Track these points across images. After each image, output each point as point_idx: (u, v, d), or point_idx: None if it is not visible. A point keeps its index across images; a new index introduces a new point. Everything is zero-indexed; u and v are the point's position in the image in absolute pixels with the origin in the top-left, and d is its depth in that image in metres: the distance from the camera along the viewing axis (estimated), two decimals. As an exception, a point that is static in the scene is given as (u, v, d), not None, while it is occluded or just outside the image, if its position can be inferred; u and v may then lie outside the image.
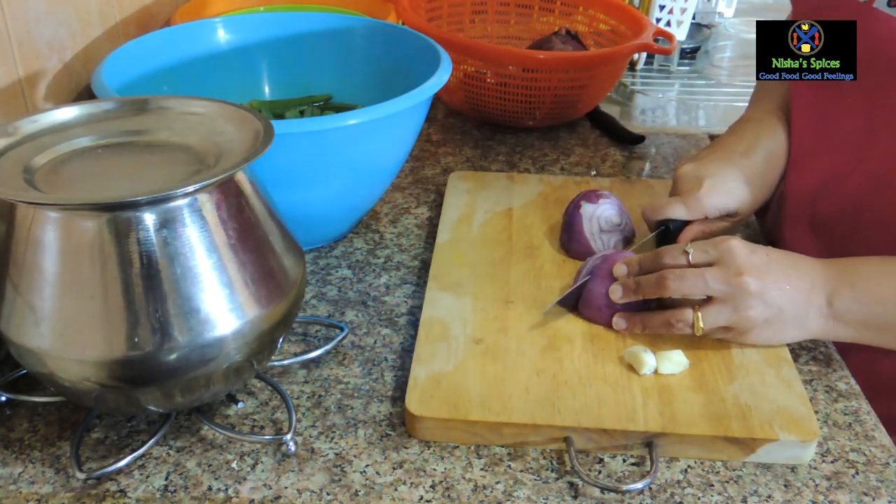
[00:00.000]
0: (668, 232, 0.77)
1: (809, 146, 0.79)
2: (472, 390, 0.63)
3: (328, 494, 0.57)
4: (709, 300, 0.66)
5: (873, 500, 0.58)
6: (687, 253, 0.67)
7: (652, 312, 0.69)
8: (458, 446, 0.61)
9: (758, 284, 0.64)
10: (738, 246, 0.66)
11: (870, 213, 0.76)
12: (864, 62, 0.71)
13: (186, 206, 0.52)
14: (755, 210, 0.80)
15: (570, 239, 0.80)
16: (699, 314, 0.65)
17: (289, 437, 0.59)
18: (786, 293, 0.65)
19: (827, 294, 0.65)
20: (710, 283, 0.65)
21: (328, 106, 0.94)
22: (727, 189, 0.76)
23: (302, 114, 0.91)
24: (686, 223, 0.77)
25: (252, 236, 0.56)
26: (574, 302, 0.72)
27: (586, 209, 0.79)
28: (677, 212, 0.76)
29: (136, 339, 0.51)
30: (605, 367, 0.66)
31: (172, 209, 0.51)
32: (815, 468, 0.60)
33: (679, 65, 1.40)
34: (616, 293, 0.69)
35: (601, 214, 0.79)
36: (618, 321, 0.69)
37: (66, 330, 0.52)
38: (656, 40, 1.09)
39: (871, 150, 0.74)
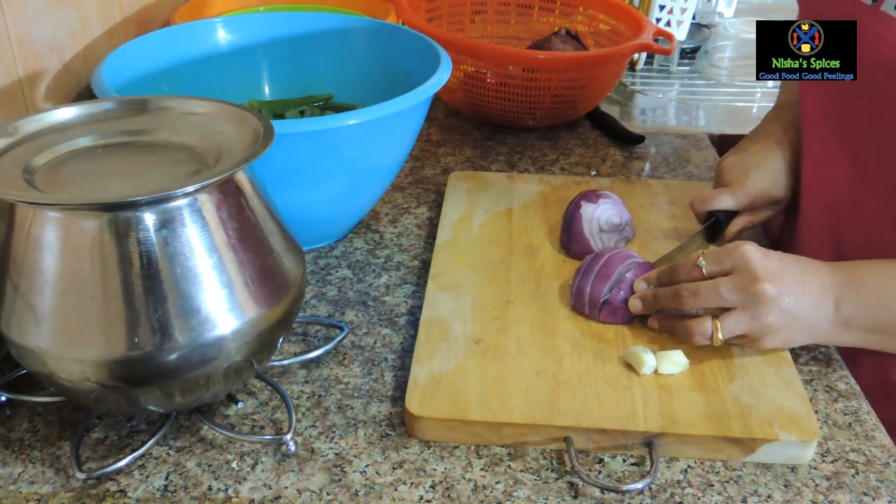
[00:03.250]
0: (718, 223, 0.80)
1: (821, 153, 0.79)
2: (472, 390, 0.63)
3: (328, 494, 0.57)
4: (726, 310, 0.65)
5: (873, 500, 0.58)
6: (700, 266, 0.67)
7: (676, 319, 0.68)
8: (458, 446, 0.61)
9: (774, 290, 0.63)
10: (751, 252, 0.65)
11: (883, 221, 0.74)
12: (870, 66, 0.70)
13: (186, 206, 0.52)
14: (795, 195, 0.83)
15: (569, 239, 0.80)
16: (718, 324, 0.65)
17: (289, 437, 0.59)
18: (798, 299, 0.64)
19: (835, 300, 0.64)
20: (725, 295, 0.64)
21: (328, 106, 0.94)
22: (773, 179, 0.80)
23: (302, 114, 0.91)
24: (734, 214, 0.80)
25: (252, 236, 0.56)
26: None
27: (586, 209, 0.79)
28: (725, 202, 0.79)
29: (136, 339, 0.51)
30: (605, 367, 0.66)
31: (172, 209, 0.51)
32: (815, 468, 0.60)
33: (679, 65, 1.40)
34: (636, 306, 0.70)
35: (601, 214, 0.79)
36: (652, 321, 0.70)
37: (66, 330, 0.52)
38: (656, 40, 1.09)
39: (880, 155, 0.73)
